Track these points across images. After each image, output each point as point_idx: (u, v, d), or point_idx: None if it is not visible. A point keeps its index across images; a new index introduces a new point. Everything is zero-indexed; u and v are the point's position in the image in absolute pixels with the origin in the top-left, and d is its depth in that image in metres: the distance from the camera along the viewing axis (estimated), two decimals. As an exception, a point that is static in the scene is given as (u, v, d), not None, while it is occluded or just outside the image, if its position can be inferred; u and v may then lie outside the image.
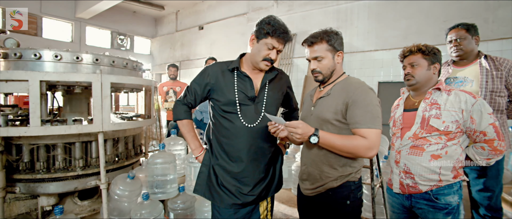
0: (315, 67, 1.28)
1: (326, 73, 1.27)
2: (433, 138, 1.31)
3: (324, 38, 1.23)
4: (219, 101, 1.35)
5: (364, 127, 1.12)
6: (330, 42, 1.23)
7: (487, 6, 3.74)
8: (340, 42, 1.27)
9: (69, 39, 7.62)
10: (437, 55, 1.37)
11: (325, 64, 1.26)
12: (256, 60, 1.32)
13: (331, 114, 1.21)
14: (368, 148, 1.12)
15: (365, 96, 1.16)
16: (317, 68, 1.27)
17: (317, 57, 1.25)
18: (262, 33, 1.27)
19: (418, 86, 1.41)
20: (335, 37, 1.24)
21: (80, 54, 2.04)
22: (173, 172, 2.29)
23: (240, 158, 1.34)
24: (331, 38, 1.23)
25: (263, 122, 1.34)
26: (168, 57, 8.87)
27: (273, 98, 1.40)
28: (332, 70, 1.27)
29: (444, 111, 1.29)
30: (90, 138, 2.10)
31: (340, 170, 1.22)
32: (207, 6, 7.74)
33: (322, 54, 1.24)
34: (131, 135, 2.52)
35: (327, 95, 1.27)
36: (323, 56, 1.25)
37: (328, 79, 1.30)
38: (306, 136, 1.13)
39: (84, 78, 1.92)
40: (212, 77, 1.37)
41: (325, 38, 1.23)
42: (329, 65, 1.26)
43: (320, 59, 1.25)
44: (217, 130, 1.39)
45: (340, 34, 1.27)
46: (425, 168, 1.31)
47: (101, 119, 1.97)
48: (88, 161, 2.13)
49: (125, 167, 2.40)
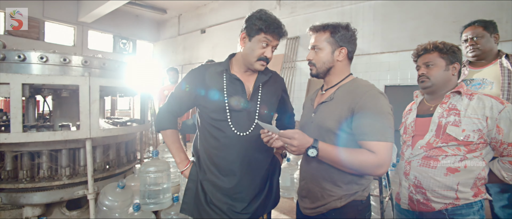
0: (311, 58, 1.12)
1: (320, 67, 1.11)
2: (450, 149, 1.14)
3: (328, 28, 1.08)
4: (206, 107, 1.20)
5: (373, 140, 0.95)
6: (332, 34, 1.08)
7: (500, 6, 3.56)
8: (348, 38, 1.09)
9: (71, 43, 7.60)
10: (456, 54, 1.20)
11: (321, 57, 1.10)
12: (249, 61, 1.18)
13: (333, 123, 1.03)
14: (377, 166, 0.94)
15: (374, 101, 0.98)
16: (312, 59, 1.12)
17: (315, 47, 1.11)
18: (253, 29, 1.13)
19: (434, 89, 1.25)
20: (342, 31, 1.07)
21: (68, 56, 1.93)
22: (166, 181, 2.15)
23: (232, 171, 1.19)
24: (336, 30, 1.07)
25: (257, 130, 1.19)
26: (170, 61, 8.81)
27: (267, 102, 1.25)
28: (328, 67, 1.10)
29: (464, 118, 1.12)
30: (78, 144, 1.98)
31: (345, 188, 1.04)
32: (209, 10, 7.68)
33: (321, 44, 1.09)
34: (123, 141, 2.40)
35: (329, 100, 1.09)
36: (321, 47, 1.09)
37: (323, 76, 1.14)
38: (303, 148, 0.96)
39: (71, 81, 1.80)
40: (198, 80, 1.22)
41: (329, 28, 1.08)
42: (325, 60, 1.09)
43: (317, 50, 1.10)
44: (205, 140, 1.24)
45: (351, 30, 1.10)
46: (440, 183, 1.14)
47: (88, 125, 1.85)
48: (76, 169, 2.00)
49: (117, 175, 2.27)
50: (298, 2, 5.55)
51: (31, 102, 2.05)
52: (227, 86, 1.20)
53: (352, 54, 1.12)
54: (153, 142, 3.33)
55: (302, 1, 5.48)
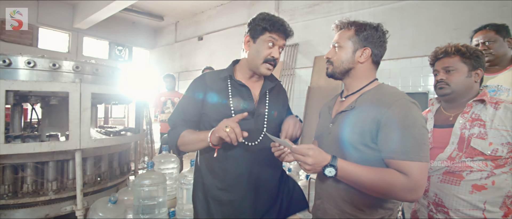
0: (330, 55, 1.02)
1: (337, 66, 0.99)
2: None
3: (354, 25, 0.97)
4: (209, 115, 1.11)
5: (404, 159, 0.80)
6: (358, 32, 0.96)
7: (501, 13, 3.54)
8: (375, 39, 0.96)
9: (65, 49, 7.47)
10: (480, 59, 1.11)
11: (340, 56, 0.98)
12: (256, 64, 1.09)
13: (355, 136, 0.89)
14: (410, 190, 0.79)
15: (405, 112, 0.83)
16: (331, 57, 1.01)
17: (336, 44, 1.00)
18: (257, 30, 1.06)
19: (453, 97, 1.15)
20: (369, 30, 0.96)
21: (57, 61, 1.81)
22: (162, 195, 2.01)
23: (240, 185, 1.08)
24: (363, 28, 0.96)
25: (266, 140, 1.09)
26: (167, 68, 8.71)
27: (276, 109, 1.15)
28: (346, 67, 0.98)
29: (491, 130, 1.02)
30: (67, 156, 1.83)
31: (368, 213, 0.90)
32: (206, 17, 7.64)
33: (342, 42, 0.98)
34: (116, 152, 2.25)
35: (350, 109, 0.95)
36: (342, 45, 0.98)
37: (339, 77, 1.02)
38: (319, 166, 0.84)
39: (60, 88, 1.67)
40: (202, 87, 1.13)
41: (355, 25, 0.97)
42: (344, 59, 0.97)
43: (338, 47, 0.99)
44: (207, 152, 1.13)
45: (381, 31, 0.98)
46: (464, 202, 1.04)
47: (78, 135, 1.71)
48: (64, 183, 1.85)
49: (108, 189, 2.12)
50: (297, 9, 5.52)
51: (17, 110, 1.91)
52: (232, 92, 1.11)
53: (379, 57, 1.00)
54: (148, 152, 3.18)
55: (301, 8, 5.45)
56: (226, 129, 0.92)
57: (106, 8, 6.07)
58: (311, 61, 5.19)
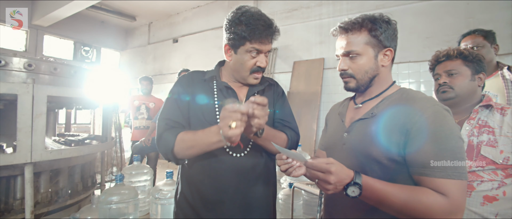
0: (346, 67, 0.84)
1: (361, 78, 0.83)
2: (486, 173, 0.98)
3: (366, 25, 0.81)
4: (192, 119, 0.98)
5: (441, 176, 0.68)
6: (374, 32, 0.80)
7: (467, 24, 3.76)
8: (392, 35, 0.82)
9: (22, 48, 6.75)
10: (482, 63, 1.07)
11: (361, 65, 0.82)
12: (242, 76, 0.98)
13: (378, 148, 0.75)
14: (450, 213, 0.66)
15: (440, 121, 0.71)
16: (348, 69, 0.84)
17: (350, 53, 0.83)
18: (236, 39, 0.92)
19: (457, 101, 1.09)
20: (384, 26, 0.81)
21: (4, 57, 1.52)
22: (133, 212, 1.76)
23: (222, 203, 0.93)
24: (377, 26, 0.80)
25: (255, 149, 0.96)
26: (139, 71, 8.24)
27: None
28: (372, 76, 0.84)
29: (501, 137, 0.97)
30: (14, 171, 1.53)
31: None
32: (182, 19, 7.36)
33: (359, 48, 0.81)
34: (78, 164, 1.96)
35: (371, 117, 0.82)
36: (360, 52, 0.81)
37: (365, 89, 0.86)
38: (341, 185, 0.69)
39: (6, 89, 1.39)
40: (189, 89, 1.01)
41: (367, 25, 0.81)
42: (368, 67, 0.82)
43: (354, 55, 0.82)
44: (188, 165, 0.98)
45: (393, 24, 0.83)
46: (475, 214, 0.98)
47: (29, 146, 1.43)
48: (10, 203, 1.54)
49: (68, 207, 1.83)
50: (276, 14, 5.48)
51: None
52: (218, 95, 0.98)
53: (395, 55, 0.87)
54: (117, 162, 2.86)
55: (280, 13, 5.43)
56: (232, 125, 0.74)
57: (70, 4, 5.57)
58: (290, 66, 5.16)
